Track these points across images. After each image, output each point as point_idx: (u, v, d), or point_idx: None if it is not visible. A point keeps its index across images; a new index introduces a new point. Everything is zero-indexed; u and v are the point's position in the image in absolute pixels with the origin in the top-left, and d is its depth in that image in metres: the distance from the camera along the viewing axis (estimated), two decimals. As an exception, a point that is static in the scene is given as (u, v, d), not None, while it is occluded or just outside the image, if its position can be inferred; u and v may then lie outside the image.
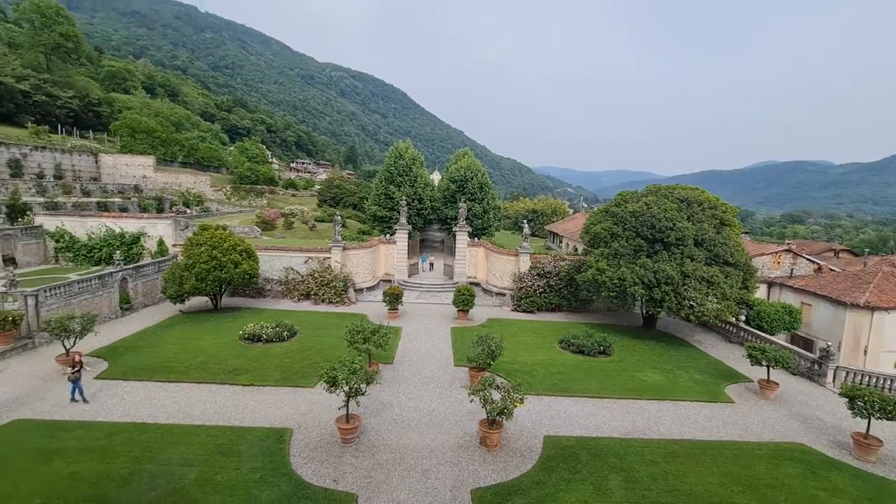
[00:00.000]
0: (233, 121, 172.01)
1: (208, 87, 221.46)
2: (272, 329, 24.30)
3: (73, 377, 16.68)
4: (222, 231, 29.89)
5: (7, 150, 53.47)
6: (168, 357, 21.25)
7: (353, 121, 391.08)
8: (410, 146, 57.98)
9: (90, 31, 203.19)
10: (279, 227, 51.60)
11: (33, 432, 14.61)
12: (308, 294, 33.19)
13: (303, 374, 20.09)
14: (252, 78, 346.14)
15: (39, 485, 11.97)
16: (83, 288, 25.23)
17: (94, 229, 36.17)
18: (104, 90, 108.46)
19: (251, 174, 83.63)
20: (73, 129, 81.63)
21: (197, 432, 15.05)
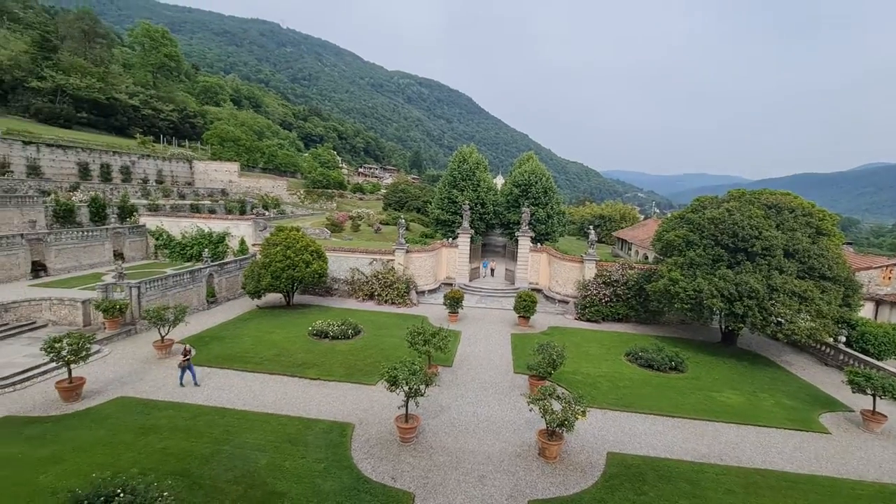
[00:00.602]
0: (308, 129, 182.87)
1: (287, 98, 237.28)
2: (338, 327, 25.41)
3: (183, 364, 18.46)
4: (296, 232, 31.80)
5: (120, 159, 60.84)
6: (246, 348, 22.93)
7: (418, 126, 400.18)
8: (474, 151, 58.19)
9: (189, 50, 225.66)
10: (347, 230, 53.94)
11: (133, 409, 16.39)
12: (372, 294, 34.34)
13: (365, 371, 20.78)
14: (326, 88, 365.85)
15: (137, 456, 13.41)
16: (177, 281, 27.98)
17: (186, 229, 40.02)
18: (199, 103, 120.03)
19: (323, 179, 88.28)
20: (173, 138, 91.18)
21: (268, 420, 16.08)
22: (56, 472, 12.46)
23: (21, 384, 17.69)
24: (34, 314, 23.85)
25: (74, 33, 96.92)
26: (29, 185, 44.78)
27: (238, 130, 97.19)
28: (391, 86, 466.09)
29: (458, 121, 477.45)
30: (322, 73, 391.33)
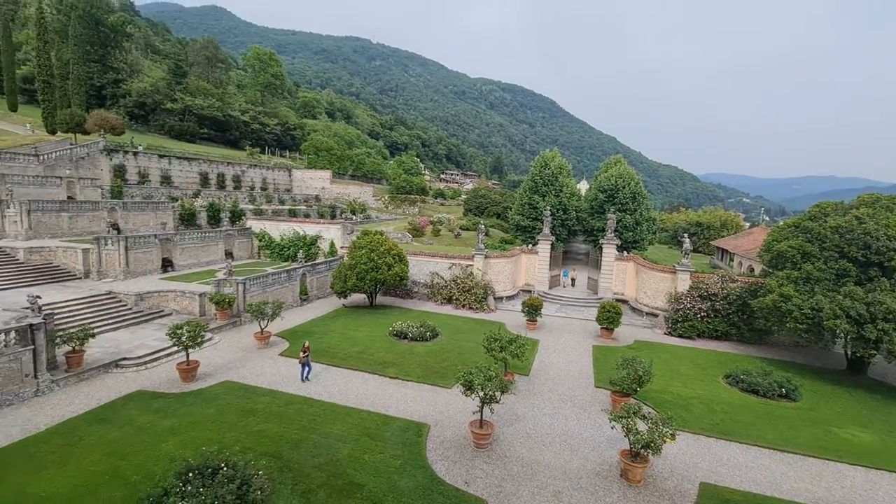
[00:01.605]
0: (393, 137, 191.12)
1: (375, 109, 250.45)
2: (417, 329, 26.12)
3: (302, 360, 19.55)
4: (379, 236, 33.34)
5: (233, 168, 68.44)
6: (333, 344, 24.46)
7: (500, 132, 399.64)
8: (557, 155, 56.73)
9: (291, 69, 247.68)
10: (427, 234, 55.37)
11: (236, 392, 18.25)
12: (450, 298, 34.83)
13: (442, 374, 21.09)
14: (411, 97, 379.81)
15: (238, 435, 14.89)
16: (275, 279, 30.72)
17: (285, 232, 43.82)
18: (298, 117, 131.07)
19: (406, 185, 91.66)
20: (276, 149, 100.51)
21: (350, 413, 16.96)
22: (174, 442, 14.26)
23: (151, 363, 20.54)
24: (162, 304, 27.60)
25: (200, 60, 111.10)
26: (162, 192, 52.07)
27: (331, 141, 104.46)
28: (474, 92, 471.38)
29: (541, 125, 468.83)
30: (408, 83, 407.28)
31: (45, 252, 30.18)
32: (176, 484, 10.62)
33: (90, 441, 14.15)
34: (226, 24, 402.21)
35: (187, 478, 10.80)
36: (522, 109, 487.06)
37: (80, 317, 23.35)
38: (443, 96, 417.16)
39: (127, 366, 19.98)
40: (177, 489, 10.43)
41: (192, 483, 10.59)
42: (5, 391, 16.22)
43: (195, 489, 10.36)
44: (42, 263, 29.65)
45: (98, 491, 11.87)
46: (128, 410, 16.22)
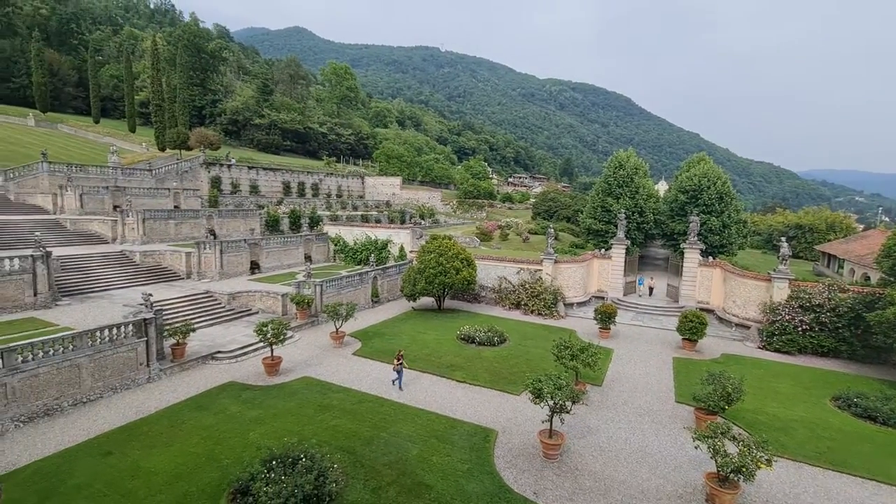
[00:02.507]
0: (461, 142, 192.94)
1: (444, 115, 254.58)
2: (485, 333, 26.03)
3: (396, 367, 19.46)
4: (448, 240, 33.73)
5: (311, 177, 73.05)
6: (402, 345, 25.02)
7: (570, 133, 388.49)
8: (633, 154, 53.94)
9: (364, 81, 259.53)
10: (495, 238, 55.09)
11: (314, 388, 19.34)
12: (518, 304, 34.32)
13: (510, 380, 20.80)
14: (479, 102, 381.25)
15: (315, 429, 15.75)
16: (349, 282, 32.23)
17: (357, 236, 45.88)
18: (371, 126, 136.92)
19: (473, 189, 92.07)
20: (350, 158, 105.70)
21: (419, 414, 17.27)
22: (260, 432, 15.41)
23: (241, 357, 22.42)
24: (250, 303, 30.05)
25: (284, 78, 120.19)
26: (250, 200, 56.86)
27: (401, 148, 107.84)
28: (543, 94, 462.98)
29: (615, 124, 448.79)
30: (476, 88, 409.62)
31: (156, 255, 34.17)
32: (261, 470, 11.46)
33: (190, 425, 15.72)
34: (307, 42, 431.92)
35: (271, 465, 11.62)
36: (594, 109, 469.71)
37: (183, 313, 26.10)
38: (511, 99, 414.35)
39: (221, 358, 21.98)
40: (262, 475, 11.25)
41: (275, 471, 11.37)
42: (124, 377, 18.54)
43: (278, 476, 11.11)
44: (153, 265, 33.59)
45: (197, 471, 13.14)
46: (221, 399, 17.82)
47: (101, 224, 37.69)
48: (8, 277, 23.31)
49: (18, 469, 12.98)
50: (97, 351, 17.61)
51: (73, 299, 26.05)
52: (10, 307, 23.26)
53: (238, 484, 11.68)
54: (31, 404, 15.78)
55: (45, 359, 16.14)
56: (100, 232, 37.41)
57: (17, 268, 23.64)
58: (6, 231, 32.06)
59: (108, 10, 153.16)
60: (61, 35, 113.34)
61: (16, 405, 15.39)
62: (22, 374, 15.50)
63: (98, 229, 37.50)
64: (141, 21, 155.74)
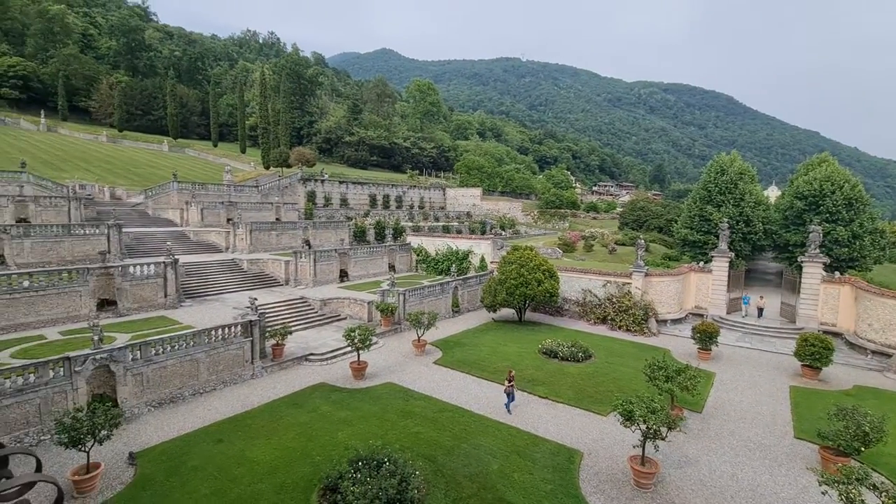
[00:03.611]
0: (542, 151, 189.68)
1: (524, 125, 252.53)
2: (568, 348, 25.00)
3: (508, 390, 18.26)
4: (529, 251, 33.10)
5: (395, 190, 76.27)
6: (482, 357, 24.97)
7: (661, 137, 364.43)
8: (737, 158, 49.02)
9: (446, 95, 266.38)
10: (579, 250, 53.01)
11: (397, 394, 19.90)
12: (604, 318, 32.54)
13: (596, 398, 19.70)
14: (561, 110, 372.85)
15: (398, 434, 16.15)
16: (430, 291, 32.91)
17: (439, 247, 46.82)
18: (452, 139, 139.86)
19: (556, 199, 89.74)
20: (431, 171, 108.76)
21: (499, 428, 16.96)
22: (348, 432, 16.17)
23: (331, 360, 23.83)
24: (339, 309, 31.92)
25: (372, 97, 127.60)
26: (340, 212, 60.75)
27: (482, 159, 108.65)
28: (630, 98, 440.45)
29: (714, 125, 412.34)
30: (558, 96, 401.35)
31: (260, 263, 37.76)
32: (349, 470, 11.99)
33: (287, 421, 16.96)
34: (393, 63, 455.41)
35: (357, 466, 12.11)
36: (689, 110, 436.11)
37: (282, 316, 28.45)
38: (595, 105, 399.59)
39: (313, 360, 23.54)
40: (350, 475, 11.76)
41: (362, 472, 11.82)
42: (233, 372, 20.60)
43: (364, 477, 11.54)
44: (257, 272, 37.14)
45: (292, 464, 14.10)
46: (314, 399, 19.03)
47: (217, 235, 42.58)
48: (146, 281, 27.21)
49: (150, 448, 14.91)
50: (212, 348, 19.79)
51: (193, 301, 29.67)
52: (147, 306, 27.07)
53: (328, 481, 12.32)
54: (160, 392, 18.12)
55: (172, 353, 18.49)
56: (216, 242, 42.28)
57: (153, 272, 27.50)
58: (145, 241, 37.50)
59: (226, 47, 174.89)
60: (190, 72, 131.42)
61: (149, 391, 17.78)
62: (154, 365, 17.89)
63: (214, 239, 42.42)
64: (252, 55, 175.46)
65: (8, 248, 28.33)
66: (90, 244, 31.59)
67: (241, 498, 12.47)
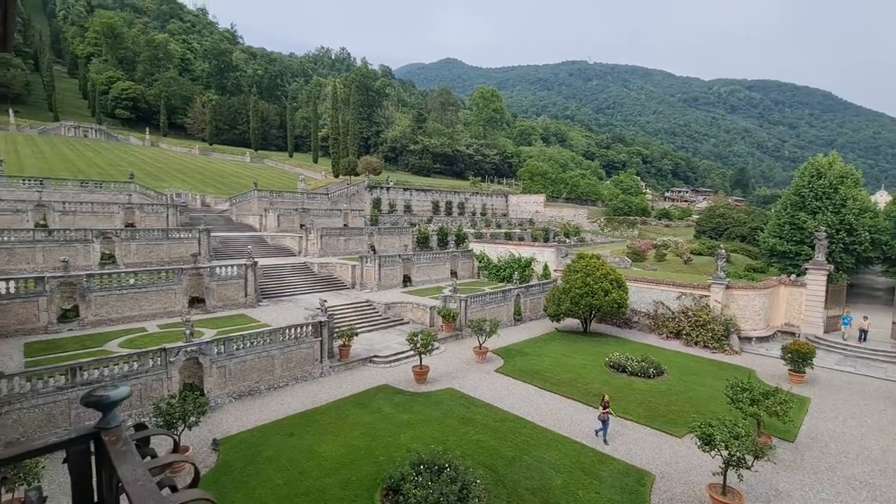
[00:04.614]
0: (610, 156, 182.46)
1: (591, 129, 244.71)
2: (638, 363, 23.65)
3: (603, 416, 16.60)
4: (595, 260, 31.85)
5: (457, 197, 76.89)
6: (545, 367, 24.31)
7: (745, 138, 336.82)
8: (836, 160, 44.05)
9: (510, 101, 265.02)
10: (650, 259, 50.17)
11: (458, 400, 19.90)
12: (678, 333, 30.42)
13: (668, 418, 18.42)
14: (630, 112, 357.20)
15: (459, 441, 16.12)
16: (492, 298, 32.68)
17: (501, 254, 46.44)
18: (515, 145, 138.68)
19: (624, 206, 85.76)
20: (494, 177, 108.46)
21: (563, 442, 16.37)
22: (410, 435, 16.41)
23: (394, 362, 24.39)
24: (402, 313, 32.63)
25: (436, 106, 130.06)
26: (404, 219, 62.29)
27: (545, 165, 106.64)
28: (709, 97, 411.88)
29: (808, 124, 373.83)
30: (627, 98, 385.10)
31: (329, 266, 39.64)
32: (411, 473, 12.14)
33: (352, 420, 17.56)
34: (457, 71, 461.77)
35: (419, 469, 12.23)
36: (778, 108, 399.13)
37: (348, 319, 29.61)
38: (668, 106, 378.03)
39: (377, 362, 24.23)
40: (411, 478, 11.91)
41: (423, 475, 11.92)
42: (303, 370, 21.73)
43: (425, 481, 11.62)
44: (326, 275, 39.01)
45: (357, 462, 14.56)
46: (377, 400, 19.55)
47: (291, 239, 45.34)
48: (229, 281, 29.57)
49: (230, 436, 16.09)
50: (286, 346, 21.03)
51: (269, 301, 31.75)
52: (230, 304, 29.39)
53: (391, 481, 12.56)
54: (240, 384, 19.53)
55: (251, 349, 19.88)
56: (290, 246, 45.03)
57: (235, 274, 29.83)
58: (229, 245, 40.81)
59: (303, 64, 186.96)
60: (270, 89, 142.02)
61: (231, 384, 19.23)
62: (236, 359, 19.33)
63: (289, 244, 45.21)
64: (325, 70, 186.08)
65: (118, 249, 32.10)
66: (184, 247, 34.95)
67: (311, 490, 13.06)
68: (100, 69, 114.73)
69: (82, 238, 30.68)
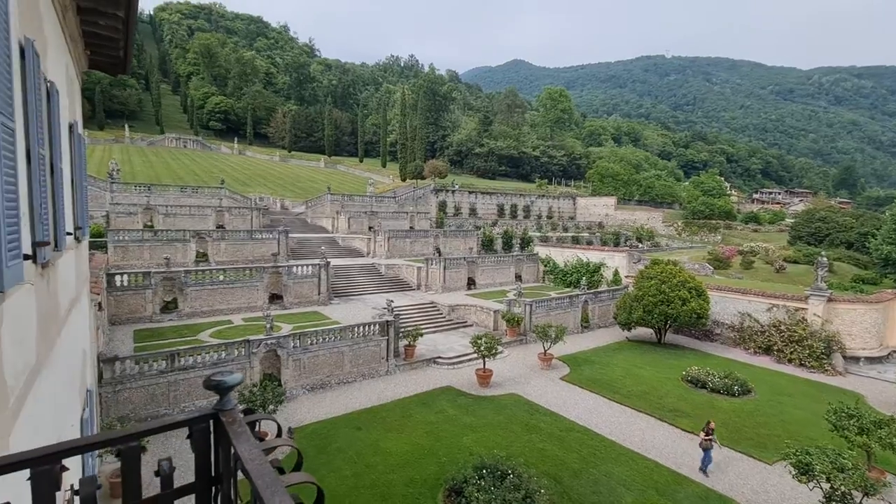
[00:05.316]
0: (689, 156, 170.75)
1: (667, 127, 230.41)
2: (720, 379, 21.82)
3: (706, 445, 14.73)
4: (672, 266, 29.89)
5: (523, 200, 75.82)
6: (615, 378, 23.20)
7: (852, 132, 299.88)
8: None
9: (579, 101, 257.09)
10: (735, 266, 46.16)
11: (521, 406, 19.57)
12: (768, 348, 27.64)
13: (756, 441, 16.79)
14: (713, 108, 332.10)
15: (522, 448, 15.84)
16: (558, 304, 31.79)
17: (568, 258, 45.06)
18: (584, 146, 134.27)
19: (705, 208, 79.76)
20: (561, 179, 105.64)
21: (634, 458, 15.50)
22: (472, 438, 16.40)
23: (457, 364, 24.53)
24: (465, 315, 32.74)
25: (502, 108, 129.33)
26: (469, 222, 62.56)
27: (617, 166, 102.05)
28: (807, 88, 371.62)
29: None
30: (709, 93, 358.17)
31: (395, 268, 40.79)
32: (473, 476, 12.13)
33: (416, 419, 17.90)
34: (524, 73, 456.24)
35: (482, 473, 12.18)
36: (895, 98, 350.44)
37: (413, 319, 30.25)
38: (758, 100, 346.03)
39: (441, 363, 24.50)
40: (474, 481, 11.89)
41: (486, 479, 11.85)
42: (370, 367, 22.53)
43: (488, 486, 11.55)
44: (393, 276, 40.17)
45: (420, 461, 14.81)
46: (441, 401, 19.77)
47: (360, 241, 47.27)
48: (304, 279, 31.44)
49: (303, 426, 17.06)
50: (355, 343, 21.94)
51: (340, 299, 33.31)
52: (304, 302, 31.23)
53: (453, 483, 12.63)
54: (313, 377, 20.66)
55: (323, 344, 20.97)
56: (359, 247, 46.96)
57: (310, 273, 31.65)
58: (304, 245, 43.40)
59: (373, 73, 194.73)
60: (343, 97, 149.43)
61: (304, 377, 20.41)
62: (309, 353, 20.49)
63: (358, 245, 47.16)
64: (394, 77, 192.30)
65: (210, 248, 35.35)
66: (265, 247, 37.71)
67: (376, 484, 13.49)
68: (197, 86, 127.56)
69: (181, 238, 34.17)
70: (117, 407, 16.06)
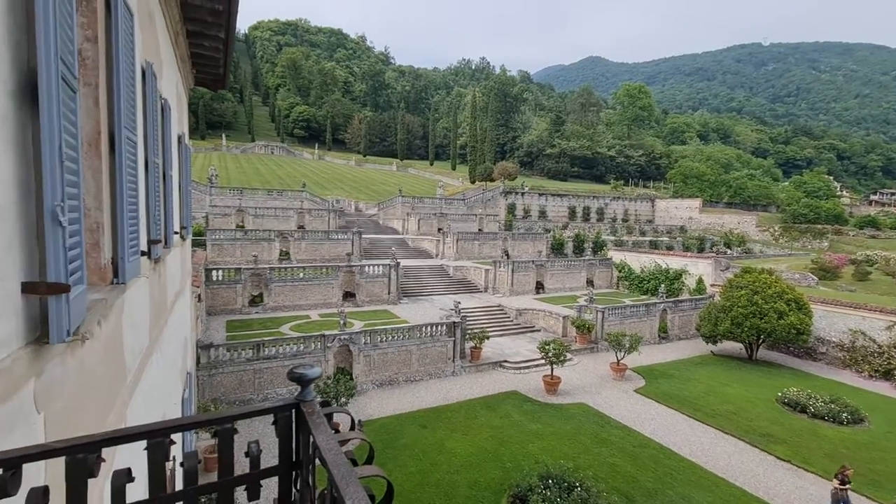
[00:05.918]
0: (789, 153, 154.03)
1: (763, 122, 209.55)
2: (825, 404, 19.36)
3: (840, 496, 12.62)
4: (767, 276, 27.08)
5: (596, 202, 72.82)
6: (696, 394, 21.48)
7: None
8: None
9: (660, 97, 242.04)
10: (845, 277, 40.79)
11: (591, 417, 18.78)
12: (887, 372, 24.06)
13: (870, 479, 14.70)
14: (820, 99, 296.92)
15: (591, 461, 15.19)
16: (633, 312, 30.10)
17: (645, 264, 42.51)
18: (665, 144, 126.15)
19: (808, 211, 71.40)
20: (639, 180, 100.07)
21: (718, 483, 14.25)
22: (538, 446, 16.03)
23: (524, 369, 24.11)
24: (533, 320, 32.08)
25: (575, 107, 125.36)
26: (539, 224, 61.31)
27: (703, 165, 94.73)
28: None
29: None
30: (816, 82, 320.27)
31: (463, 270, 41.04)
32: (539, 485, 11.85)
33: (481, 421, 17.87)
34: (600, 70, 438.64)
35: (547, 483, 11.87)
36: None
37: (480, 322, 30.22)
38: (879, 88, 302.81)
39: (507, 367, 24.24)
40: (539, 490, 11.62)
41: (552, 490, 11.53)
42: (437, 367, 22.86)
43: (554, 497, 11.23)
44: (461, 278, 40.46)
45: (484, 464, 14.76)
46: (506, 405, 19.55)
47: (429, 242, 48.19)
48: (376, 279, 32.70)
49: (372, 420, 17.73)
50: (422, 342, 22.40)
51: (409, 299, 34.19)
52: (375, 300, 32.47)
53: (517, 490, 12.42)
54: (382, 374, 21.40)
55: (392, 342, 21.65)
56: (428, 249, 47.90)
57: (381, 272, 32.85)
58: (376, 246, 45.15)
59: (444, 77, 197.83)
60: (415, 102, 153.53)
61: (374, 373, 21.20)
62: (379, 350, 21.26)
63: (427, 247, 48.12)
64: (465, 80, 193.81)
65: (292, 247, 37.98)
66: (340, 247, 39.76)
67: (440, 483, 13.65)
68: (284, 97, 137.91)
69: (267, 237, 37.10)
70: (211, 389, 17.78)
